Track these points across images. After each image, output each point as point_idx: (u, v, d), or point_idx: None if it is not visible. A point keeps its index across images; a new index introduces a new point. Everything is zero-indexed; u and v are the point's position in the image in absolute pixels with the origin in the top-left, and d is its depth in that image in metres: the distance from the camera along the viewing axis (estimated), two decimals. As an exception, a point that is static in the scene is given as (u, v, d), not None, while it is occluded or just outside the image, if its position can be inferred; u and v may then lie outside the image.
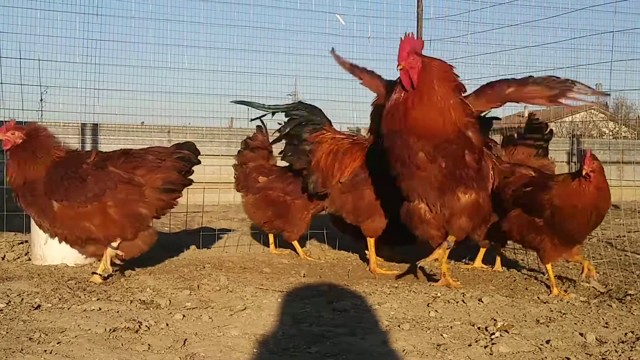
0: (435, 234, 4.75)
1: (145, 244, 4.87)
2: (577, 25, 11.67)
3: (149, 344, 3.25)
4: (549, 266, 4.69)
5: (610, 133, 21.07)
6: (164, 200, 4.87)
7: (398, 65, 4.44)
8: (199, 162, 5.04)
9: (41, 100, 9.89)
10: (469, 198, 4.62)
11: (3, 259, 5.46)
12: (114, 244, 4.73)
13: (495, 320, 3.83)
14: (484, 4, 8.47)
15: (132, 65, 10.05)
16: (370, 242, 5.57)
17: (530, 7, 10.65)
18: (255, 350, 3.25)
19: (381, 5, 14.28)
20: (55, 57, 9.21)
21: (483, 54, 8.92)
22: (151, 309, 4.00)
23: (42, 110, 10.38)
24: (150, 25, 9.84)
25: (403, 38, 4.51)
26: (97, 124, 10.76)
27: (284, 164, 6.02)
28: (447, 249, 4.79)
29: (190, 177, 5.03)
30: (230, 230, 7.28)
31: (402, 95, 4.52)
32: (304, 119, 5.64)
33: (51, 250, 5.33)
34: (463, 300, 4.28)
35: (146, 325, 3.57)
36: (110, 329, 3.47)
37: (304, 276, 5.21)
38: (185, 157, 4.93)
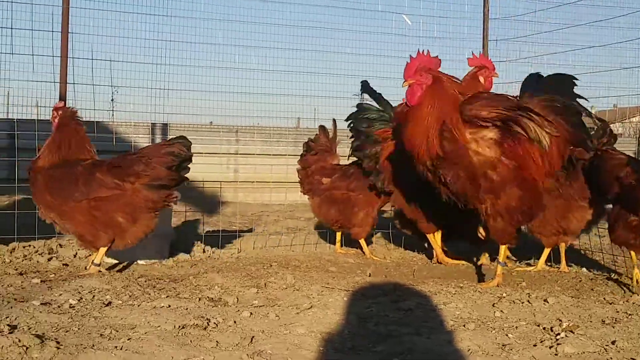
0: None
1: (134, 237, 4.95)
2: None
3: (217, 341, 3.30)
4: None
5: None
6: (153, 199, 4.87)
7: (404, 82, 4.42)
8: (189, 156, 4.99)
9: (112, 100, 10.15)
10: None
11: (75, 256, 5.61)
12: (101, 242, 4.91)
13: (560, 320, 3.77)
14: (551, 3, 8.33)
15: (201, 66, 10.23)
16: (430, 237, 5.58)
17: (597, 7, 10.40)
18: (321, 349, 3.27)
19: (447, 5, 14.13)
20: (126, 58, 9.42)
21: (549, 53, 8.77)
22: (219, 306, 4.06)
23: (113, 110, 10.65)
24: (218, 26, 10.00)
25: (412, 57, 4.46)
26: (166, 124, 10.97)
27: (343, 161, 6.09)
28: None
29: (184, 172, 4.99)
30: (296, 229, 7.34)
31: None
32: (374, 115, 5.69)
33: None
34: (528, 301, 4.22)
35: (214, 323, 3.62)
36: (179, 326, 3.53)
37: (369, 275, 5.22)
38: (174, 152, 4.90)
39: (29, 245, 5.78)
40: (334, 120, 6.39)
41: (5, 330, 3.26)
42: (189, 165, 5.04)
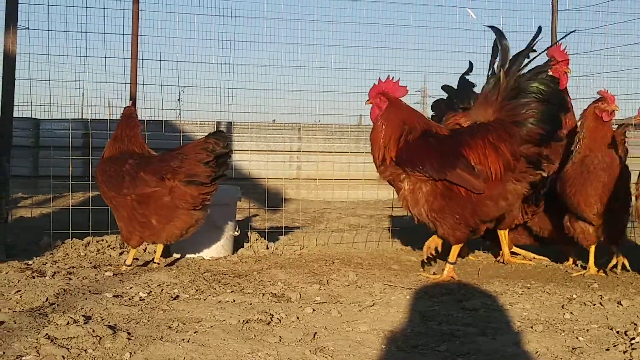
0: None
1: (172, 234, 5.03)
2: None
3: (280, 336, 3.32)
4: None
5: None
6: (192, 195, 4.89)
7: (367, 101, 4.89)
8: (226, 152, 4.95)
9: (179, 99, 10.32)
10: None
11: (145, 250, 5.74)
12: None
13: (635, 324, 3.64)
14: (624, -8, 8.08)
15: (264, 65, 10.26)
16: (501, 234, 5.50)
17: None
18: (383, 347, 3.25)
19: (514, -3, 13.90)
20: (192, 59, 9.57)
21: (623, 45, 8.50)
22: (282, 302, 4.08)
23: (180, 110, 10.83)
24: (281, 25, 10.01)
25: (381, 80, 4.87)
26: (231, 122, 11.09)
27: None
28: None
29: (223, 168, 4.98)
30: (358, 227, 7.31)
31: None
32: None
33: (189, 244, 5.56)
34: (600, 303, 4.10)
35: (277, 318, 3.65)
36: (243, 320, 3.57)
37: (433, 274, 5.16)
38: (208, 147, 4.90)
39: (102, 240, 5.94)
40: None
41: (81, 320, 3.37)
42: (228, 161, 5.05)
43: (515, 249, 5.82)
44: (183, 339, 3.20)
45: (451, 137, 4.84)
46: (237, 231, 5.85)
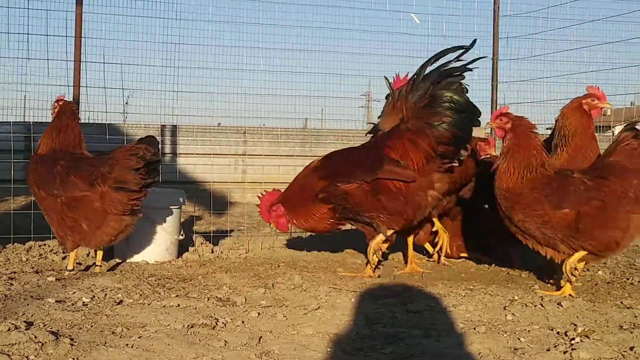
0: None
1: (101, 240, 4.97)
2: (665, 19, 11.24)
3: (225, 341, 3.31)
4: None
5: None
6: (121, 201, 4.84)
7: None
8: (157, 159, 4.93)
9: (126, 103, 10.18)
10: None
11: (88, 255, 5.64)
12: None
13: (575, 325, 3.73)
14: (563, -1, 8.27)
15: (209, 68, 10.19)
16: (409, 240, 5.68)
17: (612, 2, 10.33)
18: (328, 350, 3.26)
19: (457, 3, 14.10)
20: (136, 61, 9.45)
21: (563, 50, 8.72)
22: (227, 306, 4.06)
23: (125, 113, 10.68)
24: (226, 28, 9.99)
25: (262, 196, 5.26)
26: (175, 126, 10.99)
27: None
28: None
29: (153, 174, 4.92)
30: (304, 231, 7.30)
31: None
32: None
33: (133, 248, 5.49)
34: (541, 304, 4.19)
35: (223, 322, 3.63)
36: (188, 325, 3.54)
37: (378, 277, 5.20)
38: (139, 153, 4.85)
39: (45, 245, 5.82)
40: None
41: (22, 326, 3.31)
42: (158, 168, 5.01)
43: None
44: (127, 345, 3.16)
45: (371, 146, 5.21)
46: (182, 235, 5.80)
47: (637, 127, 5.03)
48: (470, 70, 5.11)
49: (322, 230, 5.25)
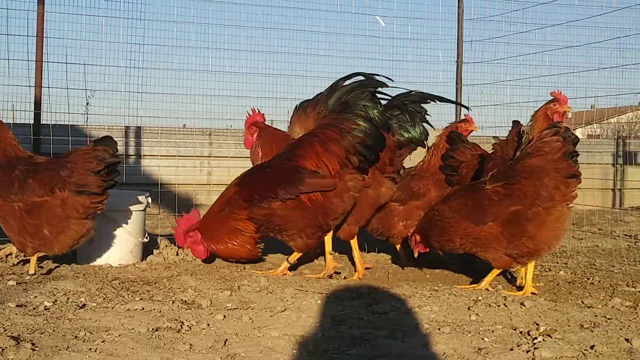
0: None
1: (64, 245, 4.88)
2: (623, 24, 11.44)
3: (190, 344, 3.29)
4: None
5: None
6: (83, 204, 4.78)
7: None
8: (117, 160, 4.89)
9: (87, 104, 10.07)
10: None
11: (50, 259, 5.56)
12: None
13: (537, 324, 3.79)
14: (526, 4, 8.38)
15: (174, 69, 10.12)
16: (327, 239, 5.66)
17: (573, 7, 10.48)
18: (294, 352, 3.26)
19: (421, 6, 14.20)
20: (100, 62, 9.36)
21: (525, 54, 8.83)
22: (193, 309, 4.04)
23: (87, 114, 10.56)
24: (191, 29, 9.93)
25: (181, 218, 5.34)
26: (140, 127, 10.89)
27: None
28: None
29: (113, 175, 4.88)
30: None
31: None
32: None
33: (96, 251, 5.43)
34: (505, 304, 4.24)
35: (188, 325, 3.61)
36: (153, 329, 3.52)
37: (344, 278, 5.21)
38: (98, 155, 4.80)
39: (4, 248, 5.70)
40: None
41: (-19, 332, 3.24)
42: (118, 168, 4.95)
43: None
44: (90, 349, 3.13)
45: (285, 158, 5.19)
46: (147, 237, 5.75)
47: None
48: (384, 84, 5.31)
49: (243, 255, 5.24)
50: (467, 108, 5.44)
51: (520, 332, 3.63)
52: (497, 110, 8.41)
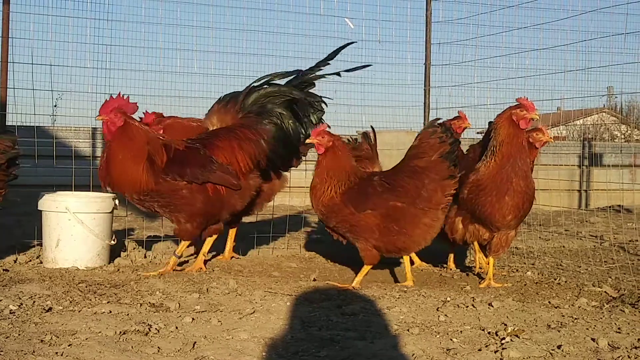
0: None
1: None
2: (589, 27, 11.58)
3: (158, 347, 3.26)
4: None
5: (622, 136, 20.98)
6: None
7: (98, 116, 5.04)
8: (17, 152, 4.84)
9: (55, 105, 9.96)
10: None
11: (15, 261, 5.49)
12: None
13: (505, 324, 3.82)
14: (493, 6, 8.44)
15: (142, 70, 10.05)
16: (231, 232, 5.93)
17: (540, 10, 10.60)
18: (264, 354, 3.25)
19: (390, 9, 14.22)
20: (66, 62, 9.26)
21: (492, 56, 8.90)
22: (161, 312, 4.01)
23: (54, 115, 10.44)
24: (159, 30, 9.87)
25: (112, 97, 5.08)
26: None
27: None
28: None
29: (13, 169, 4.83)
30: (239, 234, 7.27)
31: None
32: None
33: (63, 253, 5.37)
34: (473, 305, 4.27)
35: (156, 328, 3.58)
36: (120, 332, 3.48)
37: (314, 280, 5.21)
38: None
39: None
40: (372, 128, 6.30)
41: (-58, 337, 3.18)
42: (17, 162, 4.90)
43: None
44: (56, 353, 3.09)
45: (203, 145, 5.25)
46: (114, 240, 5.69)
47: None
48: (303, 91, 5.50)
49: (133, 183, 5.05)
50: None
51: (489, 333, 3.66)
52: (465, 112, 8.48)
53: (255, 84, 5.62)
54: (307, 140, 5.02)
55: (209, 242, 5.43)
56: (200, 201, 5.11)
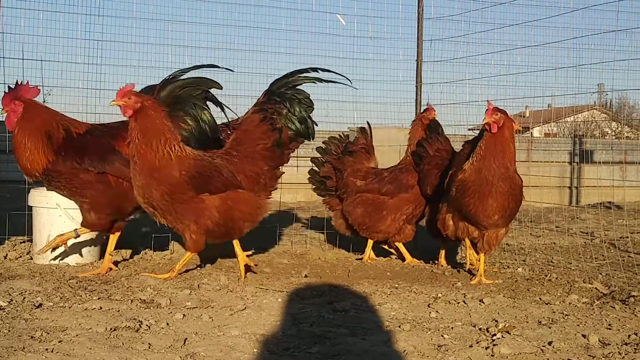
0: None
1: None
2: (580, 24, 11.65)
3: (149, 343, 3.25)
4: None
5: (613, 133, 21.06)
6: None
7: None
8: None
9: (44, 101, 9.90)
10: None
11: (5, 257, 5.46)
12: None
13: (496, 321, 3.82)
14: (485, 3, 8.44)
15: (133, 66, 10.01)
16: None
17: (531, 7, 10.61)
18: (255, 350, 3.25)
19: (382, 5, 14.24)
20: (57, 58, 9.21)
21: (484, 53, 8.90)
22: (152, 308, 4.00)
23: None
24: (151, 25, 9.81)
25: (10, 87, 5.01)
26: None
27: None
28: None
29: None
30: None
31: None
32: None
33: (53, 249, 5.33)
34: (464, 301, 4.27)
35: (147, 325, 3.57)
36: (111, 328, 3.47)
37: (305, 276, 5.21)
38: None
39: None
40: (368, 123, 6.30)
41: None
42: None
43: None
44: (47, 349, 3.08)
45: (110, 135, 5.15)
46: (104, 236, 5.67)
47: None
48: (218, 85, 5.41)
49: (30, 159, 4.95)
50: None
51: (480, 329, 3.67)
52: (457, 109, 8.46)
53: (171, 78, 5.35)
54: (111, 103, 4.65)
55: (112, 240, 5.25)
56: (102, 190, 5.02)
